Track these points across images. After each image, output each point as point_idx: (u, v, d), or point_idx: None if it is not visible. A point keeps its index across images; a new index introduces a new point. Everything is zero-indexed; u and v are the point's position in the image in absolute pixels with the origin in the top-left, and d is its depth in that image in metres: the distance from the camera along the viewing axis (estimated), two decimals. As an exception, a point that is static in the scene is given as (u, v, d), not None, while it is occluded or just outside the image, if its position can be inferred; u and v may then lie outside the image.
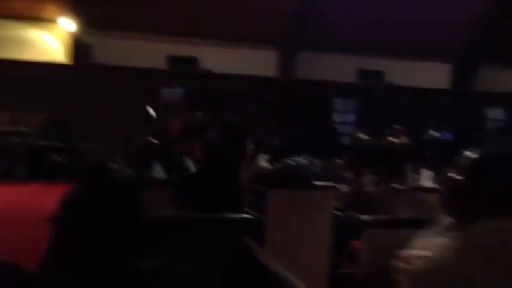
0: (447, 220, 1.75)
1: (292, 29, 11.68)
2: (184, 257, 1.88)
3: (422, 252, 1.64)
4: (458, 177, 1.63)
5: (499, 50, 12.12)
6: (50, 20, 10.97)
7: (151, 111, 6.24)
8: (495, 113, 14.22)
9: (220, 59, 11.70)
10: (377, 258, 2.05)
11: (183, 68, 11.72)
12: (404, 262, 1.67)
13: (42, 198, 6.39)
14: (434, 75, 12.92)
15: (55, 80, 10.40)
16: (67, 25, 10.88)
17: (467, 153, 1.71)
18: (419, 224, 1.97)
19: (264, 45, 11.83)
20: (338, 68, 12.13)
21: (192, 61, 11.84)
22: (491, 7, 12.07)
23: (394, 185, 3.73)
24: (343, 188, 4.28)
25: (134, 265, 1.30)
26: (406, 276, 1.64)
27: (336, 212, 3.56)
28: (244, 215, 2.04)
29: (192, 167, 4.36)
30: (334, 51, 11.89)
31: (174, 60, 11.74)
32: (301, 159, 3.78)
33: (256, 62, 11.90)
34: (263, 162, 4.36)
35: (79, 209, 1.36)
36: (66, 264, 1.33)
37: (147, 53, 11.26)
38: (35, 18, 10.90)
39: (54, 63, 10.91)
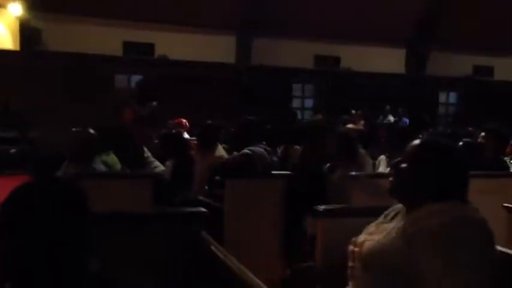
0: (398, 206, 1.79)
1: (248, 15, 11.60)
2: (139, 253, 1.83)
3: (370, 237, 1.69)
4: (403, 165, 1.68)
5: (450, 34, 12.42)
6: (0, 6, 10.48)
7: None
8: (447, 97, 14.66)
9: (177, 45, 11.51)
10: (331, 246, 2.07)
11: (139, 54, 11.46)
12: (354, 247, 1.71)
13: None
14: (390, 60, 13.16)
15: (3, 67, 9.96)
16: (15, 10, 10.41)
17: (414, 140, 1.76)
18: (373, 212, 1.99)
19: (222, 31, 11.70)
20: (295, 54, 12.16)
21: (148, 47, 11.59)
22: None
23: (350, 171, 3.76)
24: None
25: (83, 267, 1.24)
26: (356, 260, 1.68)
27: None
28: (201, 209, 2.00)
29: (149, 156, 4.28)
30: (291, 37, 11.89)
31: (129, 46, 11.46)
32: (259, 148, 3.75)
33: (214, 48, 11.77)
34: (221, 150, 4.32)
35: (24, 207, 1.29)
36: (13, 268, 1.27)
37: (101, 38, 10.93)
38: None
39: (2, 50, 10.44)
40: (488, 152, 3.94)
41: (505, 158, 4.38)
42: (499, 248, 1.62)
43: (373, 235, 1.69)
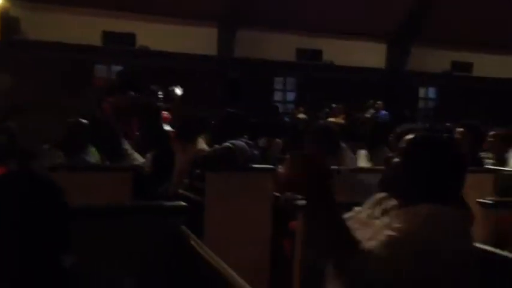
0: (383, 199, 1.77)
1: (231, 7, 11.54)
2: (117, 247, 1.82)
3: (361, 233, 1.64)
4: (397, 159, 1.64)
5: (430, 30, 12.55)
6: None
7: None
8: (427, 92, 14.83)
9: (159, 36, 11.40)
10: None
11: (119, 45, 11.33)
12: None
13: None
14: (372, 54, 13.25)
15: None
16: (-8, -2, 10.19)
17: (407, 135, 1.72)
18: (355, 206, 2.00)
19: (204, 22, 11.63)
20: (277, 46, 12.15)
21: (129, 37, 11.46)
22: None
23: (331, 165, 3.78)
24: (282, 169, 4.30)
25: (57, 263, 1.23)
26: None
27: (275, 193, 3.58)
28: (181, 202, 1.99)
29: (128, 148, 4.24)
30: (273, 30, 11.88)
31: (109, 36, 11.31)
32: (240, 142, 3.74)
33: (196, 39, 11.69)
34: (202, 144, 4.30)
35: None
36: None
37: (81, 28, 10.76)
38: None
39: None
40: (464, 148, 3.99)
41: (483, 154, 4.45)
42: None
43: (365, 231, 1.64)
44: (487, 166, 4.09)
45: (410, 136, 1.66)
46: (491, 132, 4.73)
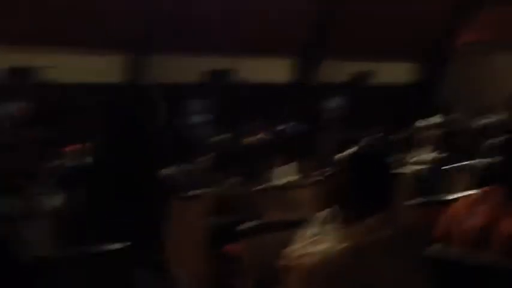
0: (322, 216, 1.82)
1: (137, 33, 11.40)
2: None
3: (311, 249, 1.67)
4: (340, 174, 1.70)
5: (336, 43, 13.20)
6: None
7: None
8: (334, 103, 15.48)
9: (60, 66, 10.90)
10: (258, 263, 2.09)
11: (19, 79, 10.67)
12: (289, 261, 1.69)
13: None
14: (281, 69, 13.64)
15: None
16: None
17: (344, 148, 1.80)
18: (292, 224, 2.05)
19: (113, 50, 11.34)
20: (188, 69, 12.14)
21: (27, 71, 10.83)
22: (327, 2, 13.14)
23: (258, 184, 3.84)
24: (211, 192, 4.29)
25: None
26: (294, 274, 1.65)
27: (209, 218, 3.56)
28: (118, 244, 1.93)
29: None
30: (182, 53, 11.86)
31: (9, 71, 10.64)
32: (166, 170, 3.71)
33: (100, 68, 11.32)
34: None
35: None
36: None
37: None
38: None
39: None
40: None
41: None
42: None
43: (313, 246, 1.67)
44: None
45: (352, 150, 1.74)
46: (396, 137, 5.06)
